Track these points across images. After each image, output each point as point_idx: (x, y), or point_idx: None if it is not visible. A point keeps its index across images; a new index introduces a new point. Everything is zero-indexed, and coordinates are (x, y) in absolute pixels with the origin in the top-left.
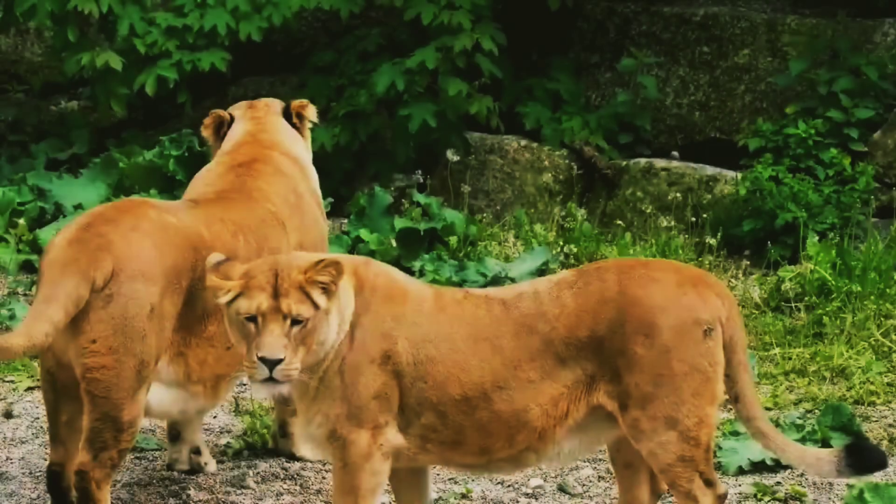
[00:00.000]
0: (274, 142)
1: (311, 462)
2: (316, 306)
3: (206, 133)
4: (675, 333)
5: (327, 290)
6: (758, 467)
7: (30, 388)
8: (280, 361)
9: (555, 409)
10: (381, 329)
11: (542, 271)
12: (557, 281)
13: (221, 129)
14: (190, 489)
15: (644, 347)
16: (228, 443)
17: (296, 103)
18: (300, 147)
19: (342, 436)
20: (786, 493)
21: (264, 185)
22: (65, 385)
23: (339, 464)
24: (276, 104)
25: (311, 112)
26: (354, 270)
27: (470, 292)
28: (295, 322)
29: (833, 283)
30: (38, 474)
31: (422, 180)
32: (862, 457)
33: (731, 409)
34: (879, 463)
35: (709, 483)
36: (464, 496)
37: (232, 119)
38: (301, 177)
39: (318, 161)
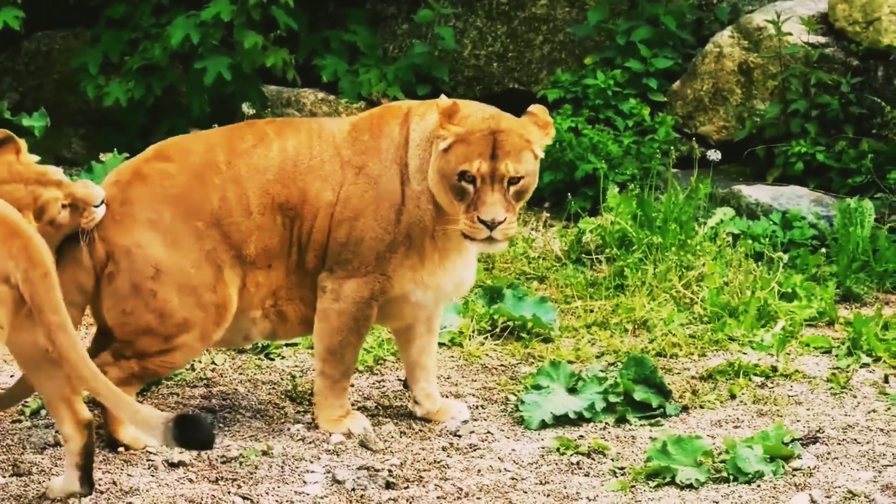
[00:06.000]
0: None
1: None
2: None
3: None
4: None
5: None
6: (560, 421)
7: None
8: None
9: None
10: None
11: None
12: None
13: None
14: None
15: None
16: None
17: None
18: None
19: None
20: (589, 447)
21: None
22: None
23: None
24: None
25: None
26: None
27: None
28: None
29: (634, 234)
30: None
31: None
32: (190, 430)
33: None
34: (206, 441)
35: None
36: (265, 453)
37: None
38: (394, 160)
39: (112, 116)
